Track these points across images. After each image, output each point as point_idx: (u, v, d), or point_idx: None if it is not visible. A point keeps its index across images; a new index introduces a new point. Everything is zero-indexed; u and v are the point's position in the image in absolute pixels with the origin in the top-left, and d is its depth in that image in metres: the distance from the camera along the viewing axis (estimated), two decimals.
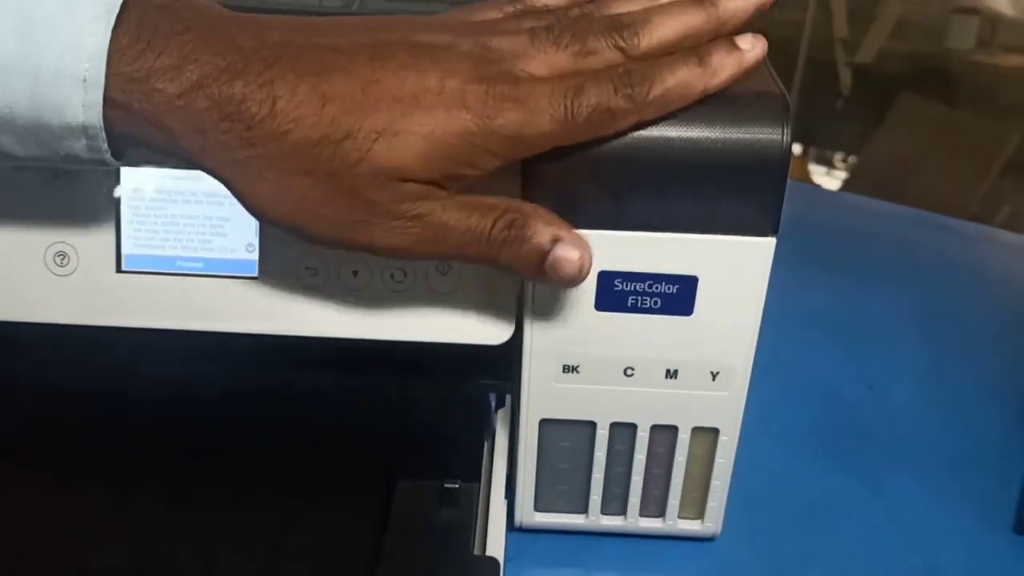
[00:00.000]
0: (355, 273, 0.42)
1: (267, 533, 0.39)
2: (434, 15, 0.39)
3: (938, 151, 1.98)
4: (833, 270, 0.72)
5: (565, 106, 0.34)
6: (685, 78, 0.36)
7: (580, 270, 0.36)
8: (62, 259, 0.42)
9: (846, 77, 2.08)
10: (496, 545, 0.41)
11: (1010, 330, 0.67)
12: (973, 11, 2.23)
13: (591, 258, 0.36)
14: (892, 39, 2.16)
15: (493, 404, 0.49)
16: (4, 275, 0.42)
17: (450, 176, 0.35)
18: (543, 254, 0.35)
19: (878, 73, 2.13)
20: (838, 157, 2.24)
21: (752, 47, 0.37)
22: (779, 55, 0.48)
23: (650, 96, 0.35)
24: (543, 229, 0.36)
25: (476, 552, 0.40)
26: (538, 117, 0.34)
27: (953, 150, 1.97)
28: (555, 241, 0.36)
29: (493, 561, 0.38)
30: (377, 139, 0.33)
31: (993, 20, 2.26)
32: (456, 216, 0.35)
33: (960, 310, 0.70)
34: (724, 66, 0.37)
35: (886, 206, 0.88)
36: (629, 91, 0.35)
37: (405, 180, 0.34)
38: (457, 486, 0.40)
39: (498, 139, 0.34)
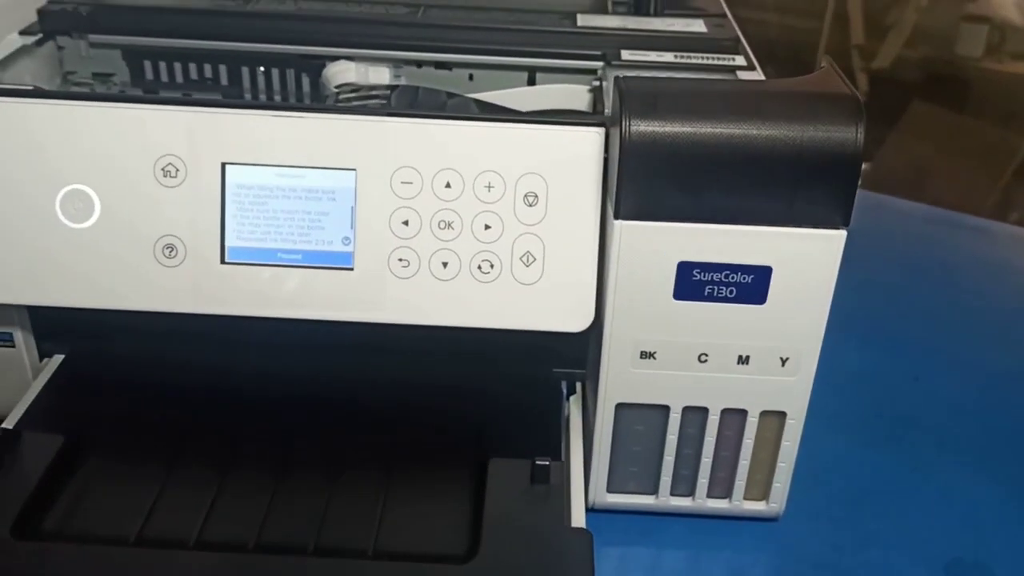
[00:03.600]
0: (444, 264, 0.45)
1: (371, 507, 0.42)
2: None
3: (950, 157, 2.00)
4: (867, 267, 0.75)
5: None
6: None
7: None
8: (170, 251, 0.45)
9: (863, 83, 2.11)
10: (579, 522, 0.43)
11: None
12: (982, 19, 2.26)
13: None
14: (904, 46, 2.19)
15: (565, 391, 0.51)
16: (116, 266, 0.45)
17: None
18: None
19: (891, 80, 2.16)
20: None
21: None
22: (796, 62, 0.50)
23: None
24: None
25: None
26: None
27: (964, 156, 1.99)
28: None
29: (586, 532, 0.40)
30: None
31: (1002, 28, 2.28)
32: None
33: (993, 304, 0.73)
34: None
35: (910, 205, 0.90)
36: None
37: None
38: (548, 463, 0.42)
39: None
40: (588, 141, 0.44)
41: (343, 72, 0.58)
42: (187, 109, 0.44)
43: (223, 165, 0.44)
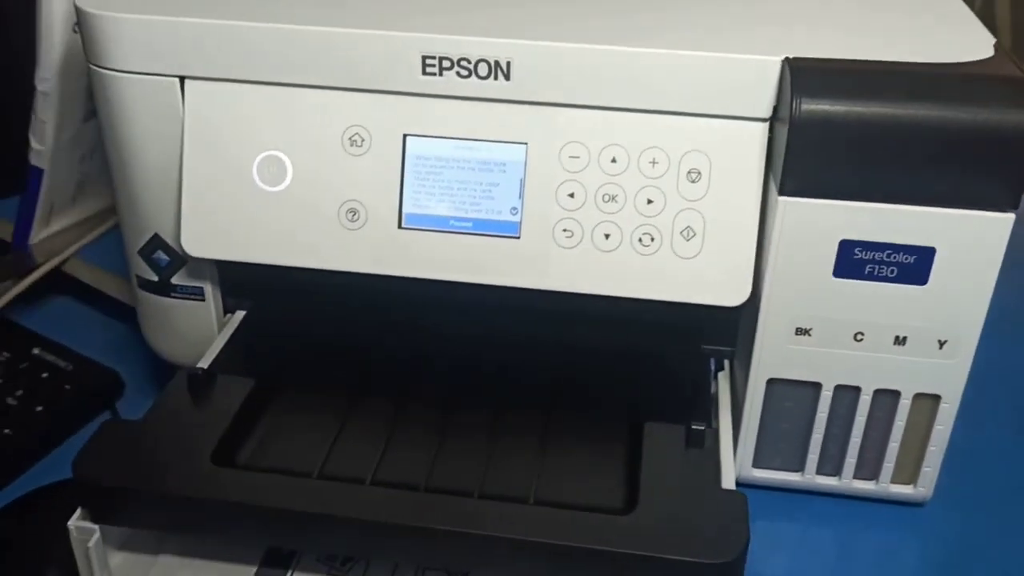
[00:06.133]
0: (607, 236, 0.47)
1: (532, 460, 0.44)
2: None
3: None
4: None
5: None
6: None
7: None
8: (353, 215, 0.48)
9: None
10: (731, 487, 0.45)
11: None
12: None
13: None
14: None
15: (713, 367, 0.52)
16: (304, 228, 0.48)
17: None
18: None
19: None
20: None
21: None
22: None
23: None
24: None
25: None
26: None
27: None
28: None
29: (742, 496, 0.41)
30: None
31: None
32: None
33: None
34: None
35: None
36: None
37: None
38: (703, 428, 0.43)
39: None
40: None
41: None
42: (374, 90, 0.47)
43: (404, 136, 0.47)
